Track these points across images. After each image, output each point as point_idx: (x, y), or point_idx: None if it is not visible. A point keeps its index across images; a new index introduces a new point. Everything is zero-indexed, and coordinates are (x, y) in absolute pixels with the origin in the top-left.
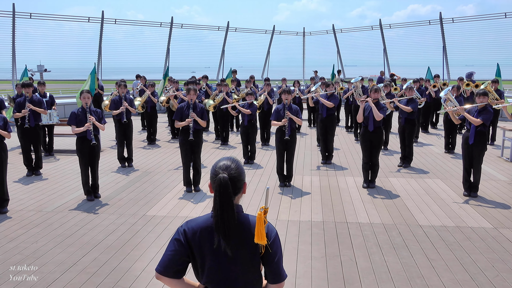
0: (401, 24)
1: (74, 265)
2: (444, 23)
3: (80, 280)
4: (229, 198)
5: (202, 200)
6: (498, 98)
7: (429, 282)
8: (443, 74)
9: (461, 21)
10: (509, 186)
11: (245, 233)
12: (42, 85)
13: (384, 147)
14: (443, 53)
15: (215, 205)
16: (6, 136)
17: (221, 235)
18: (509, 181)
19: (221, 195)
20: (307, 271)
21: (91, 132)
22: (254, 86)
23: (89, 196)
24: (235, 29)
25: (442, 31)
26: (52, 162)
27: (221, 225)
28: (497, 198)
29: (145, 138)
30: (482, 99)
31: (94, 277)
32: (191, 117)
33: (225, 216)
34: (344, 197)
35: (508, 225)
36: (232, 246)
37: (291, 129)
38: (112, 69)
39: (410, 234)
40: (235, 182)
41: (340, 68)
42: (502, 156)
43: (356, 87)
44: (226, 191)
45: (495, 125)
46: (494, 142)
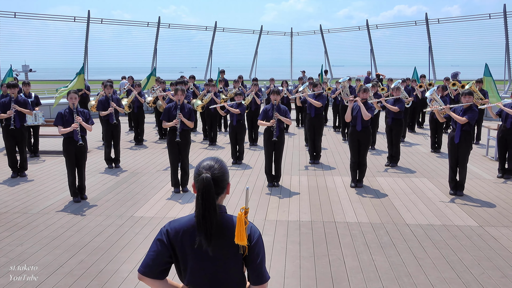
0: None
1: (60, 267)
2: (430, 23)
3: (66, 282)
4: (212, 198)
5: (190, 200)
6: (482, 98)
7: (416, 280)
8: (429, 74)
9: (447, 21)
10: (494, 185)
11: (228, 234)
12: (27, 85)
13: (371, 146)
14: (429, 54)
15: (197, 205)
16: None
17: (202, 235)
18: (494, 180)
19: (203, 195)
20: (296, 270)
21: (78, 132)
22: (243, 86)
23: (75, 197)
24: (222, 29)
25: (428, 31)
26: (38, 163)
27: (202, 225)
28: (482, 197)
29: (133, 138)
30: (468, 99)
31: (80, 280)
32: (178, 117)
33: (207, 215)
34: (332, 196)
35: (494, 223)
36: (214, 247)
37: (279, 129)
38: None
39: (397, 233)
40: (218, 182)
41: (328, 68)
42: (487, 155)
43: (344, 87)
44: (208, 191)
45: (480, 124)
46: (479, 141)
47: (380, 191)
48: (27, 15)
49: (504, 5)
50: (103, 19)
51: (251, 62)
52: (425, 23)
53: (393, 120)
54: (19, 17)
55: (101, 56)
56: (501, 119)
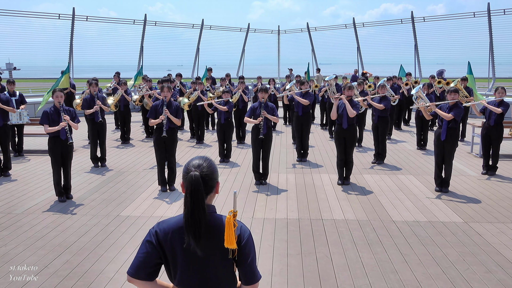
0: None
1: (45, 268)
2: (415, 22)
3: (51, 283)
4: (201, 197)
5: (177, 199)
6: (467, 96)
7: (402, 276)
8: (415, 72)
9: (432, 20)
10: (479, 181)
11: (217, 234)
12: (11, 84)
13: (358, 144)
14: (415, 52)
15: (186, 204)
16: None
17: (191, 235)
18: (479, 176)
19: (192, 194)
20: (283, 268)
21: (66, 131)
22: (230, 84)
23: (61, 197)
24: (209, 27)
25: (414, 30)
26: (22, 162)
27: (191, 224)
28: (467, 193)
29: (119, 137)
30: (453, 96)
31: (65, 280)
32: (165, 114)
33: (196, 215)
34: (319, 194)
35: (478, 219)
36: (203, 247)
37: (266, 127)
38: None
39: (383, 230)
40: (207, 181)
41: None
42: (471, 152)
43: (330, 85)
44: (197, 189)
45: (465, 122)
46: (464, 138)
47: (367, 189)
48: (11, 12)
49: (488, 4)
50: (88, 16)
51: (238, 60)
52: (411, 21)
53: (379, 118)
54: (2, 14)
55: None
56: (485, 116)
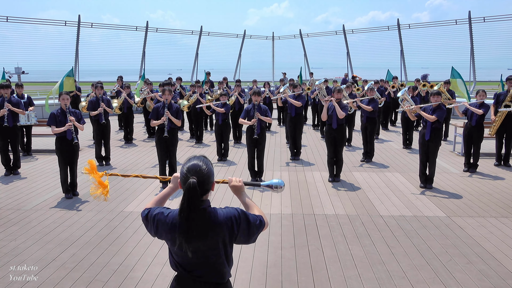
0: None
1: (53, 261)
2: (401, 28)
3: (59, 275)
4: (197, 201)
5: (177, 195)
6: (450, 98)
7: (389, 267)
8: (401, 76)
9: (417, 27)
10: (461, 178)
11: (210, 229)
12: (20, 87)
13: (347, 143)
14: (401, 56)
15: (182, 206)
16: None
17: (183, 238)
18: (461, 174)
19: (189, 200)
20: (278, 260)
21: (72, 131)
22: (227, 87)
23: (67, 194)
24: (208, 33)
25: (400, 36)
26: (31, 161)
27: (185, 228)
28: (449, 189)
29: (122, 137)
30: (436, 98)
31: (72, 272)
32: (166, 115)
33: (190, 218)
34: (312, 190)
35: (460, 214)
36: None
37: (260, 127)
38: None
39: (371, 224)
40: (204, 185)
41: (307, 70)
42: (454, 150)
43: (320, 89)
44: (194, 195)
45: (448, 122)
46: (447, 138)
47: (356, 185)
48: (20, 19)
49: (469, 12)
50: (93, 23)
51: (235, 64)
52: (397, 28)
53: (368, 119)
54: (11, 21)
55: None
56: (466, 117)
